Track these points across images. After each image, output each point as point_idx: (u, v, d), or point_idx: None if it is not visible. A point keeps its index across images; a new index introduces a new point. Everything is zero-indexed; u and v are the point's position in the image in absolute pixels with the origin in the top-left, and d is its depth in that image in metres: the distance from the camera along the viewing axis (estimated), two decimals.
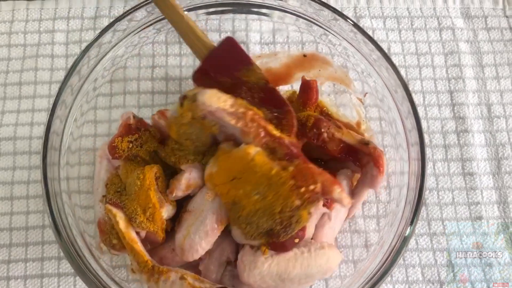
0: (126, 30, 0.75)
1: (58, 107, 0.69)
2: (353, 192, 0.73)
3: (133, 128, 0.70)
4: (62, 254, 0.77)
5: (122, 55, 0.78)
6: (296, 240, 0.65)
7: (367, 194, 0.75)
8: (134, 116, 0.72)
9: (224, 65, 0.69)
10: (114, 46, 0.74)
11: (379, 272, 0.64)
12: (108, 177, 0.72)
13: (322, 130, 0.69)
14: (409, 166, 0.70)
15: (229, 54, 0.70)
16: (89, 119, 0.80)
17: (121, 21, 0.74)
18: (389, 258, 0.65)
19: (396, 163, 0.75)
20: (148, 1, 0.74)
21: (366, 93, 0.79)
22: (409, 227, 0.65)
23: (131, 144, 0.69)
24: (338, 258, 0.68)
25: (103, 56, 0.74)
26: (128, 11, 0.74)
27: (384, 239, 0.69)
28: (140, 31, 0.77)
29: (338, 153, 0.70)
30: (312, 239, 0.69)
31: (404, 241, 0.65)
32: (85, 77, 0.73)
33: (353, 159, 0.71)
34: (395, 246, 0.65)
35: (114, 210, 0.66)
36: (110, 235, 0.68)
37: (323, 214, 0.70)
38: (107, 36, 0.73)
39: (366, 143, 0.68)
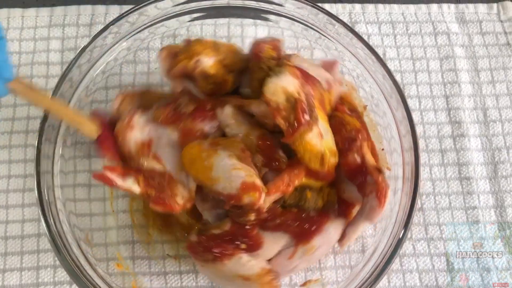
0: (119, 34, 0.75)
1: (50, 115, 0.69)
2: (349, 224, 0.70)
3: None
4: (57, 262, 0.77)
5: (116, 60, 0.78)
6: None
7: (363, 229, 0.71)
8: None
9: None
10: (107, 51, 0.75)
11: (373, 275, 0.64)
12: None
13: (358, 139, 0.69)
14: (403, 171, 0.70)
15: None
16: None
17: (114, 24, 0.74)
18: (382, 261, 0.65)
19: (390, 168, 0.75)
20: (141, 6, 0.74)
21: (366, 105, 0.79)
22: (403, 230, 0.65)
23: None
24: None
25: (96, 62, 0.74)
26: (122, 14, 0.74)
27: (378, 242, 0.68)
28: (134, 35, 0.77)
29: (351, 166, 0.69)
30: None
31: (398, 243, 0.65)
32: (77, 84, 0.73)
33: (358, 184, 0.69)
34: (389, 249, 0.65)
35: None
36: None
37: (290, 248, 0.68)
38: (100, 41, 0.73)
39: (379, 170, 0.67)
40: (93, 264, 0.68)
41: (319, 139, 0.66)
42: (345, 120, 0.71)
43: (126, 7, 0.91)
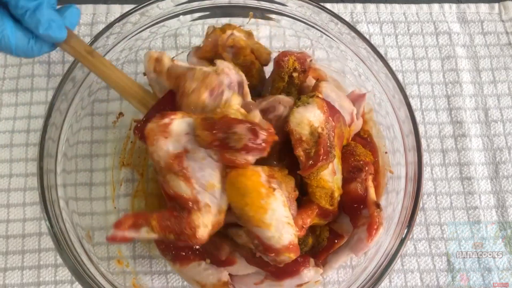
0: (121, 34, 0.75)
1: (53, 114, 0.69)
2: (333, 252, 0.70)
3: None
4: (59, 261, 0.77)
5: (118, 60, 0.78)
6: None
7: (345, 259, 0.70)
8: None
9: None
10: (109, 51, 0.75)
11: (376, 274, 0.64)
12: None
13: (364, 170, 0.68)
14: (406, 171, 0.70)
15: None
16: (85, 126, 0.80)
17: (116, 24, 0.74)
18: (385, 261, 0.65)
19: (393, 168, 0.75)
20: (143, 6, 0.74)
21: (371, 108, 0.79)
22: (406, 229, 0.65)
23: None
24: None
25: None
26: (123, 14, 0.74)
27: (380, 242, 0.68)
28: (135, 35, 0.77)
29: (352, 196, 0.68)
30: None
31: (401, 243, 0.65)
32: (80, 83, 0.73)
33: (352, 215, 0.68)
34: (391, 249, 0.65)
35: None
36: None
37: (259, 276, 0.68)
38: (102, 41, 0.73)
39: (377, 205, 0.66)
40: (95, 263, 0.68)
41: (332, 176, 0.66)
42: (356, 151, 0.71)
43: (127, 7, 0.91)
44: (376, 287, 0.64)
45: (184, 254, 0.67)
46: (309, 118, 0.62)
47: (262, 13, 0.79)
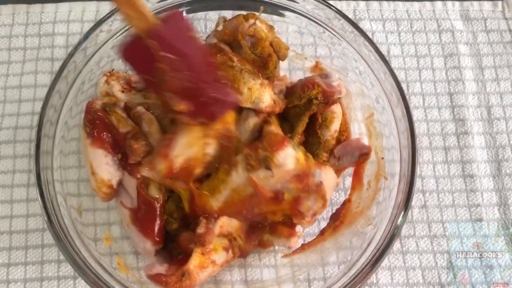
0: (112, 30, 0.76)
1: (48, 110, 0.70)
2: None
3: None
4: (61, 257, 0.77)
5: (108, 57, 0.79)
6: None
7: None
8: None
9: (172, 42, 0.60)
10: (100, 47, 0.76)
11: (373, 259, 0.66)
12: None
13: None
14: (400, 168, 0.70)
15: (177, 31, 0.62)
16: (79, 123, 0.79)
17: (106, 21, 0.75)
18: (383, 244, 0.66)
19: (388, 165, 0.75)
20: None
21: (372, 113, 0.79)
22: (400, 217, 0.66)
23: None
24: None
25: (89, 59, 0.76)
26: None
27: (378, 227, 0.69)
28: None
29: None
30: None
31: (396, 229, 0.66)
32: (72, 81, 0.74)
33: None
34: (389, 232, 0.66)
35: None
36: None
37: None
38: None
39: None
40: (97, 258, 0.68)
41: None
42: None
43: None
44: (375, 268, 0.65)
45: (102, 136, 0.69)
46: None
47: (264, 7, 0.79)
